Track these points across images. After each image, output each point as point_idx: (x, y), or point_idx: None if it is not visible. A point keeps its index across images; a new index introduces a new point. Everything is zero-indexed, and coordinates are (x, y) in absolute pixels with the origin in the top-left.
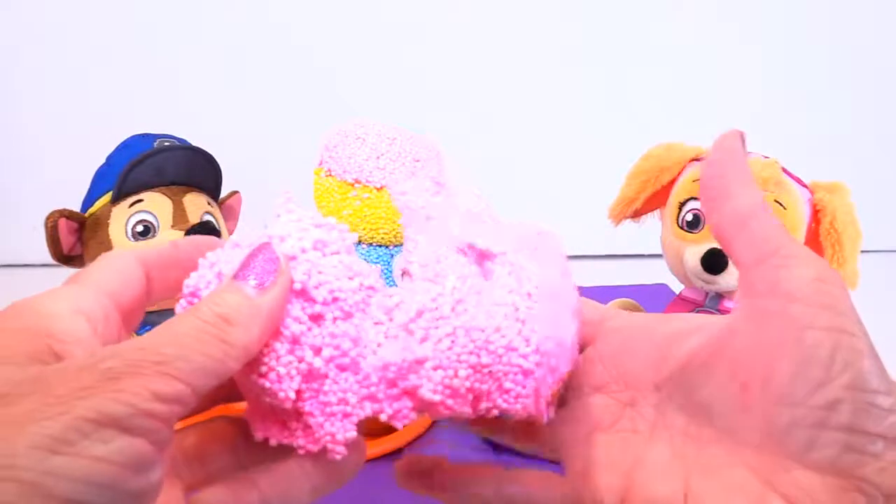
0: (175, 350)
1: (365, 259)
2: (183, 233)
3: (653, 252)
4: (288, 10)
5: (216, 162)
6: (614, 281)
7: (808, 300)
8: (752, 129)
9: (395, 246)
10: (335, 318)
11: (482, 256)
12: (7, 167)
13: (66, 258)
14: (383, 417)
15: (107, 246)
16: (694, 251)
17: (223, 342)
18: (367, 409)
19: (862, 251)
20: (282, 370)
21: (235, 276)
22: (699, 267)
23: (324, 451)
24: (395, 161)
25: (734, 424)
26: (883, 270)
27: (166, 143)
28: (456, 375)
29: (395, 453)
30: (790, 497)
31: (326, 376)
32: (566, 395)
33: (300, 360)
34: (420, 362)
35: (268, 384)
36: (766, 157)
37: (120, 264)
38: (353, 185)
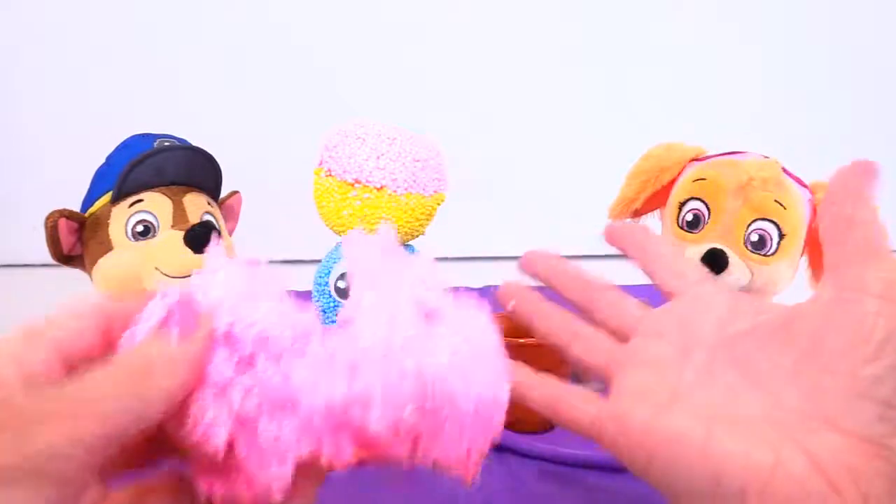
0: (93, 395)
1: None
2: (183, 233)
3: None
4: (288, 10)
5: (216, 162)
6: (614, 281)
7: (884, 296)
8: (752, 129)
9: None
10: (266, 361)
11: (429, 315)
12: (7, 167)
13: (66, 258)
14: (323, 459)
15: (107, 246)
16: (694, 251)
17: (142, 388)
18: (305, 450)
19: None
20: (208, 419)
21: (160, 327)
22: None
23: (266, 495)
24: (395, 161)
25: (779, 388)
26: None
27: (166, 143)
28: (402, 413)
29: None
30: (812, 453)
31: (257, 420)
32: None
33: (229, 407)
34: (367, 397)
35: (196, 436)
36: (767, 157)
37: (73, 318)
38: (352, 185)
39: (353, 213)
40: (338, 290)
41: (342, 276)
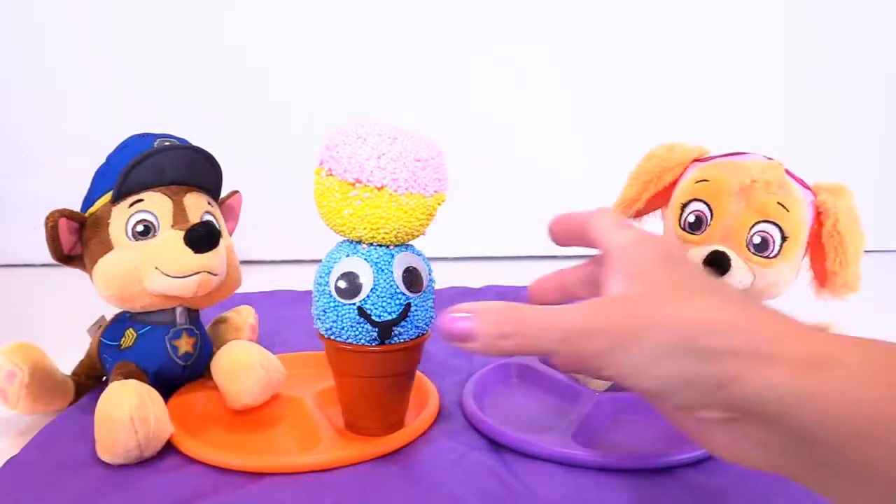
0: None
1: (365, 260)
2: (183, 232)
3: None
4: (288, 10)
5: (217, 162)
6: None
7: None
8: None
9: (396, 246)
10: None
11: None
12: (7, 167)
13: (66, 258)
14: None
15: (107, 246)
16: (696, 253)
17: None
18: None
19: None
20: None
21: None
22: (702, 268)
23: None
24: (395, 161)
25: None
26: (883, 270)
27: (167, 143)
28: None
29: (394, 453)
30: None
31: None
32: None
33: None
34: None
35: None
36: (770, 159)
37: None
38: (353, 184)
39: (353, 212)
40: (338, 289)
41: (343, 276)
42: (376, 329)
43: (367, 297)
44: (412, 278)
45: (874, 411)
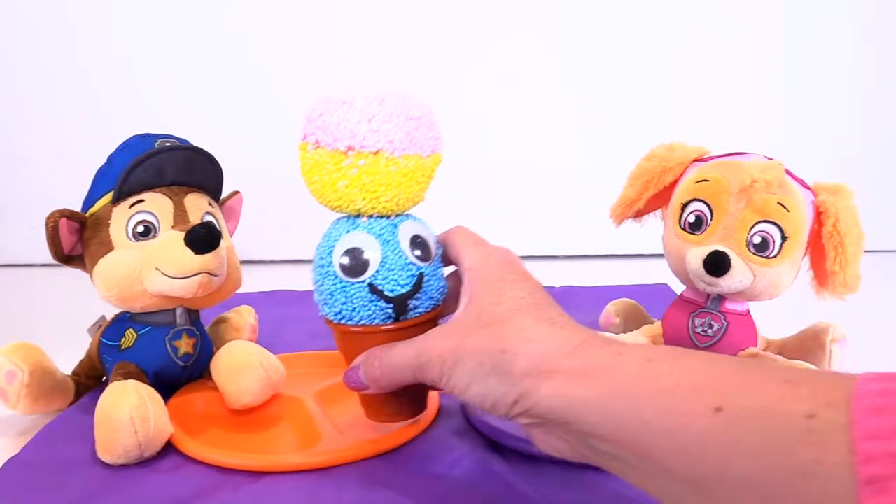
0: None
1: (368, 233)
2: (184, 233)
3: (654, 252)
4: (289, 10)
5: (217, 162)
6: (615, 281)
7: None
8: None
9: (397, 215)
10: None
11: None
12: (8, 167)
13: (66, 258)
14: None
15: (108, 246)
16: (696, 253)
17: None
18: None
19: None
20: None
21: None
22: (702, 269)
23: None
24: (388, 122)
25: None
26: (883, 270)
27: (167, 144)
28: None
29: (394, 453)
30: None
31: None
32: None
33: None
34: None
35: None
36: (770, 159)
37: None
38: (345, 153)
39: (349, 183)
40: (344, 268)
41: (347, 253)
42: (391, 305)
43: (377, 271)
44: (421, 247)
45: (627, 407)
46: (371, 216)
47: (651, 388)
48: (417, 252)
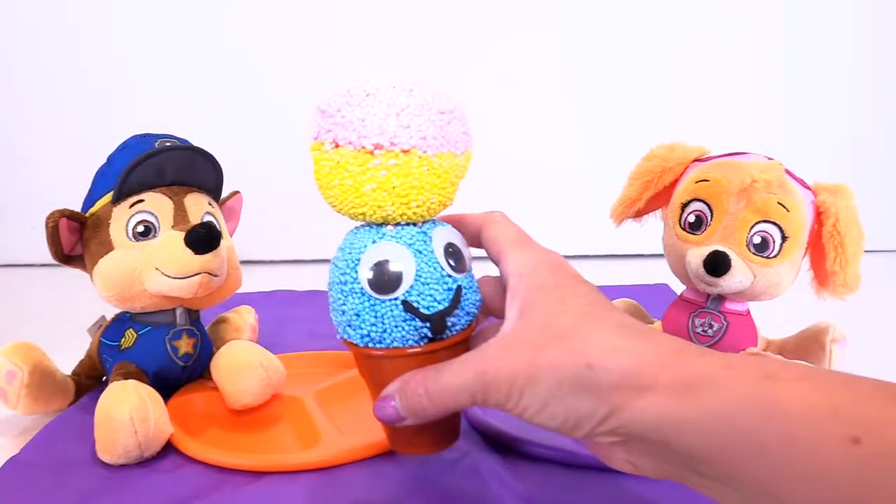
0: None
1: (398, 244)
2: (184, 233)
3: (654, 252)
4: (288, 10)
5: (217, 162)
6: (615, 281)
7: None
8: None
9: (424, 222)
10: None
11: None
12: (8, 167)
13: (66, 258)
14: None
15: (108, 246)
16: (696, 253)
17: None
18: None
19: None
20: None
21: None
22: (702, 269)
23: None
24: (420, 115)
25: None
26: (883, 270)
27: (167, 144)
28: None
29: (394, 452)
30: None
31: None
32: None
33: None
34: None
35: None
36: (770, 159)
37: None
38: (372, 152)
39: (378, 186)
40: (374, 284)
41: (377, 267)
42: (427, 323)
43: (412, 286)
44: (455, 256)
45: (743, 430)
46: (398, 224)
47: (772, 409)
48: (452, 262)
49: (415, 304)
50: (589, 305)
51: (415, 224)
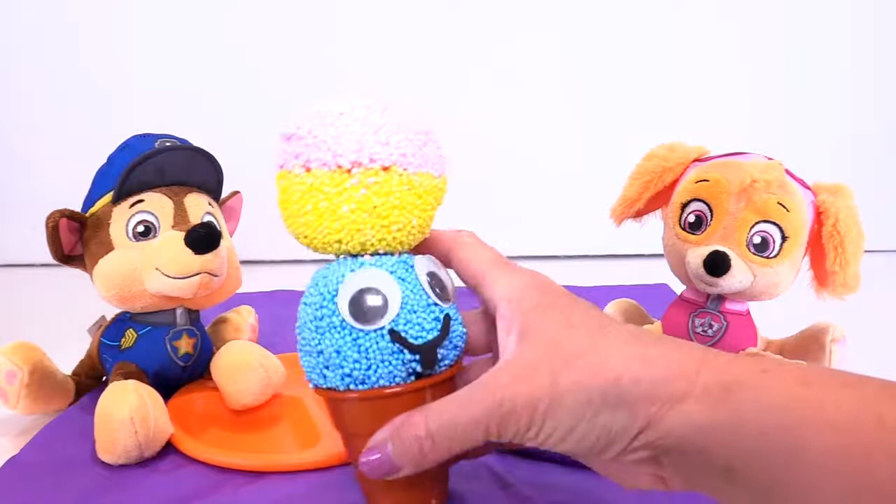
0: None
1: (378, 269)
2: (184, 233)
3: (653, 252)
4: (288, 10)
5: (217, 162)
6: (615, 281)
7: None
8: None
9: (401, 252)
10: None
11: None
12: (8, 167)
13: (66, 258)
14: None
15: (108, 246)
16: (696, 253)
17: None
18: None
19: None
20: None
21: None
22: (702, 269)
23: None
24: (398, 133)
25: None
26: (883, 270)
27: (167, 144)
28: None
29: None
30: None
31: None
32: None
33: None
34: None
35: None
36: (770, 159)
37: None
38: (349, 170)
39: (357, 206)
40: (356, 313)
41: (358, 294)
42: (416, 355)
43: (398, 314)
44: (440, 286)
45: (782, 437)
46: (375, 253)
47: (813, 417)
48: (437, 290)
49: (402, 334)
50: (595, 320)
51: (392, 254)
